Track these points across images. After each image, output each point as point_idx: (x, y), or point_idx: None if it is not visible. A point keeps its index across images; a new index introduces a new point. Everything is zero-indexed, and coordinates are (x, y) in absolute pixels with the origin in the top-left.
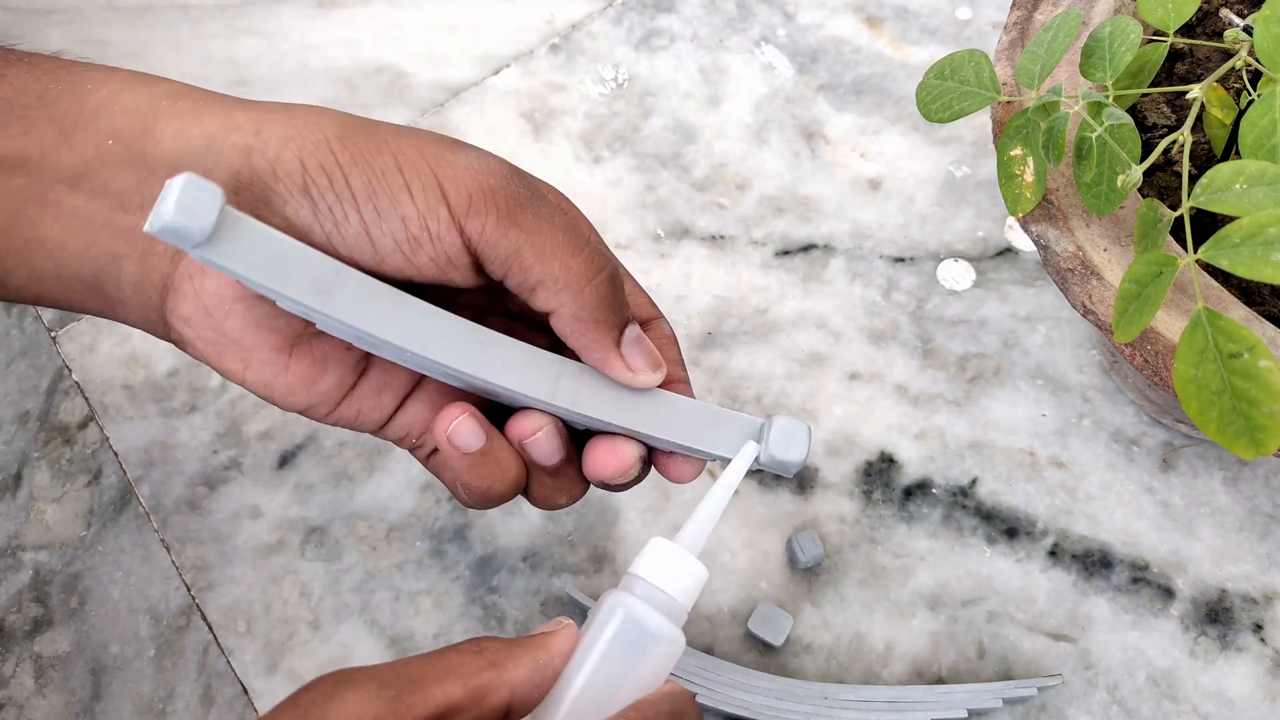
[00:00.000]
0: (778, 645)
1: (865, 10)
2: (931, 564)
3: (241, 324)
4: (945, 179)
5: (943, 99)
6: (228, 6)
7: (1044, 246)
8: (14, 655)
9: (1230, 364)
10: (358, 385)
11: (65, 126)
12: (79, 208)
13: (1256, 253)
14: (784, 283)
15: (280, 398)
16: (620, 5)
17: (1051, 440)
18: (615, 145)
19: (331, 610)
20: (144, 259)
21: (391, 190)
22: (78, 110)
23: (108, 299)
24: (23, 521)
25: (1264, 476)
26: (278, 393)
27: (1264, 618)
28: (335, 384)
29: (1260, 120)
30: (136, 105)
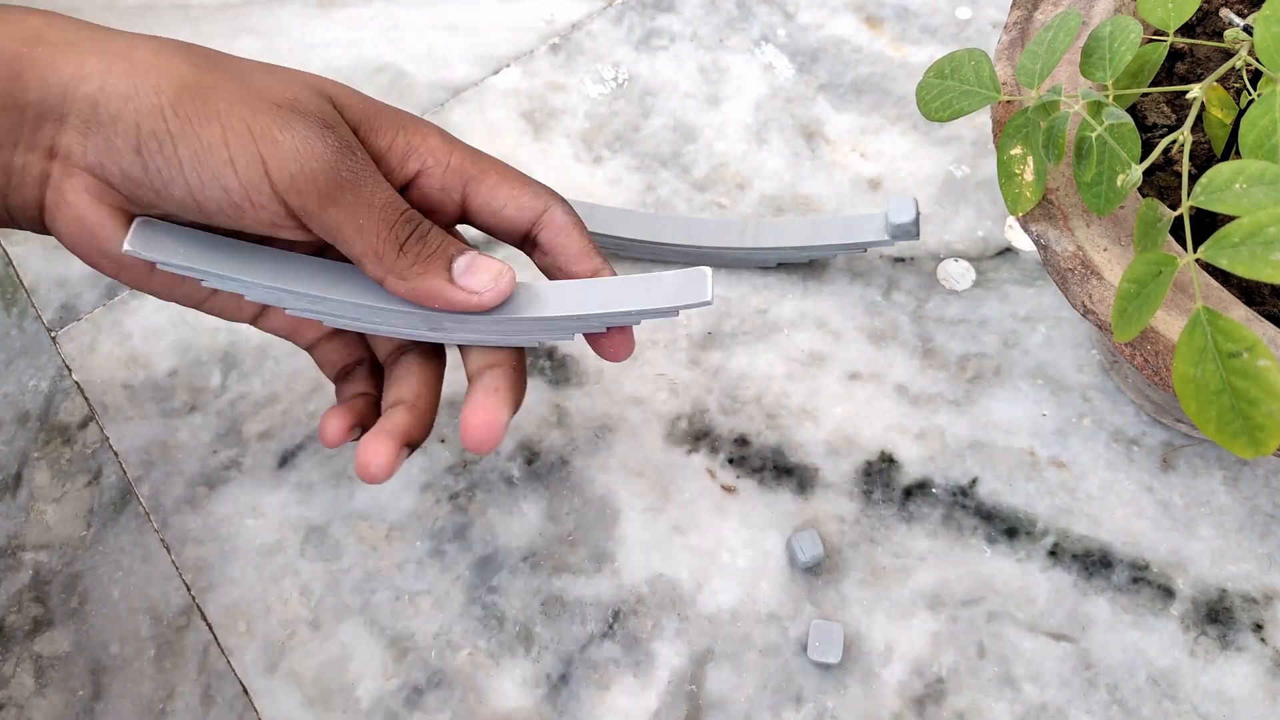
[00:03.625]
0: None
1: (865, 10)
2: (931, 564)
3: (104, 236)
4: (945, 179)
5: (943, 98)
6: (228, 6)
7: (1044, 246)
8: (14, 655)
9: (1229, 363)
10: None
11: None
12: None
13: (1256, 252)
14: (784, 282)
15: (154, 294)
16: (620, 5)
17: (1051, 440)
18: (615, 145)
19: (331, 610)
20: (20, 188)
21: (215, 164)
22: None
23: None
24: (23, 521)
25: (1264, 476)
26: (151, 291)
27: (1264, 618)
28: (193, 288)
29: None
30: (2, 52)
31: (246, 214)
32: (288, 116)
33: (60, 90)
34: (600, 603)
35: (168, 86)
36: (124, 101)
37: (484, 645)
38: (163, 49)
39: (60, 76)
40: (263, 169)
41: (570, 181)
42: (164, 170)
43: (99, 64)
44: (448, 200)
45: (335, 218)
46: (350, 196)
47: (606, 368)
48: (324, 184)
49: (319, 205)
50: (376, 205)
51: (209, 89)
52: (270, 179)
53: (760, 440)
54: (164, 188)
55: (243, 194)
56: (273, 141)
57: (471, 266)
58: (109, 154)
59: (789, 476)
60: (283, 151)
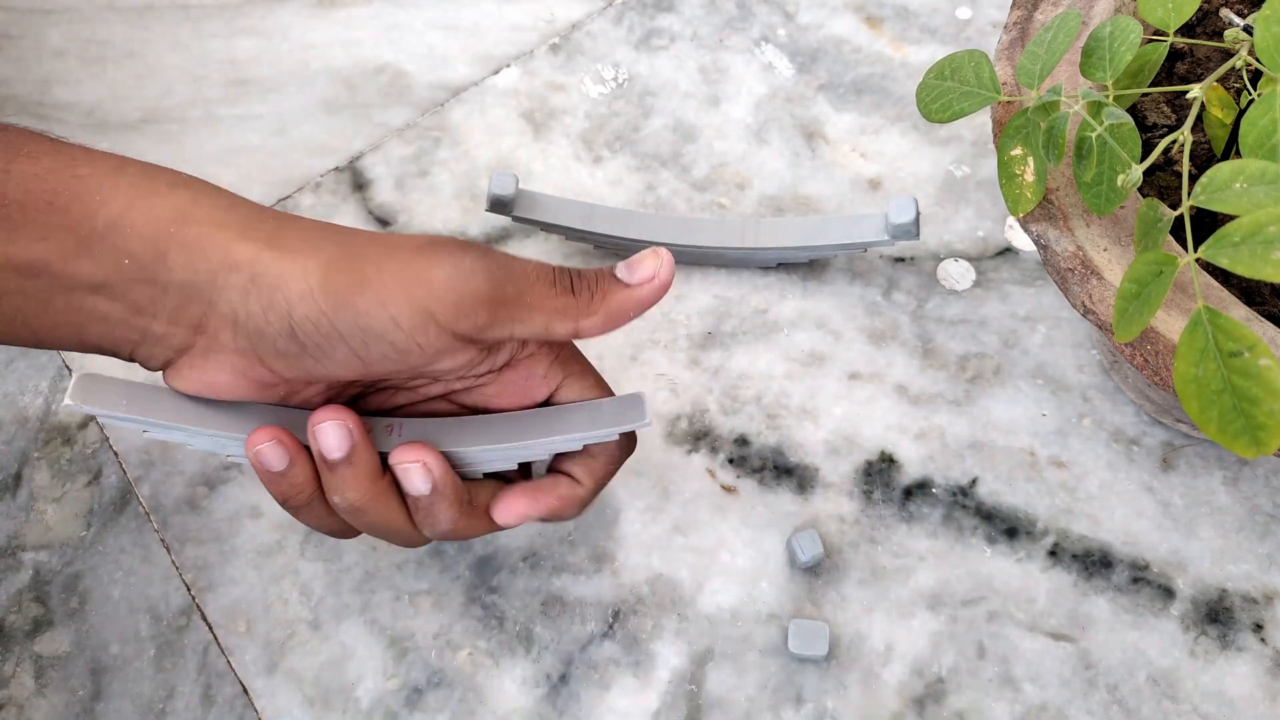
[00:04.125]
0: (824, 655)
1: (865, 10)
2: (931, 564)
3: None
4: (945, 179)
5: (943, 99)
6: (228, 6)
7: (1044, 246)
8: (14, 655)
9: (1230, 363)
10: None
11: (80, 236)
12: (100, 307)
13: (1256, 252)
14: (784, 282)
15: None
16: (620, 5)
17: (1051, 440)
18: (615, 145)
19: (331, 610)
20: (153, 347)
21: (378, 327)
22: (89, 222)
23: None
24: (23, 521)
25: (1264, 476)
26: None
27: (1264, 618)
28: None
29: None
30: (146, 230)
31: (413, 355)
32: (430, 254)
33: (209, 276)
34: (600, 603)
35: (315, 267)
36: (274, 291)
37: (484, 645)
38: (308, 232)
39: (209, 263)
40: (427, 314)
41: (570, 181)
42: (322, 344)
43: (246, 251)
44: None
45: (508, 316)
46: (512, 290)
47: (607, 367)
48: (488, 297)
49: (490, 318)
50: (532, 278)
51: (355, 258)
52: (436, 320)
53: (760, 440)
54: (323, 357)
55: (410, 342)
56: (427, 283)
57: (630, 265)
58: (262, 339)
59: (789, 476)
60: (438, 288)
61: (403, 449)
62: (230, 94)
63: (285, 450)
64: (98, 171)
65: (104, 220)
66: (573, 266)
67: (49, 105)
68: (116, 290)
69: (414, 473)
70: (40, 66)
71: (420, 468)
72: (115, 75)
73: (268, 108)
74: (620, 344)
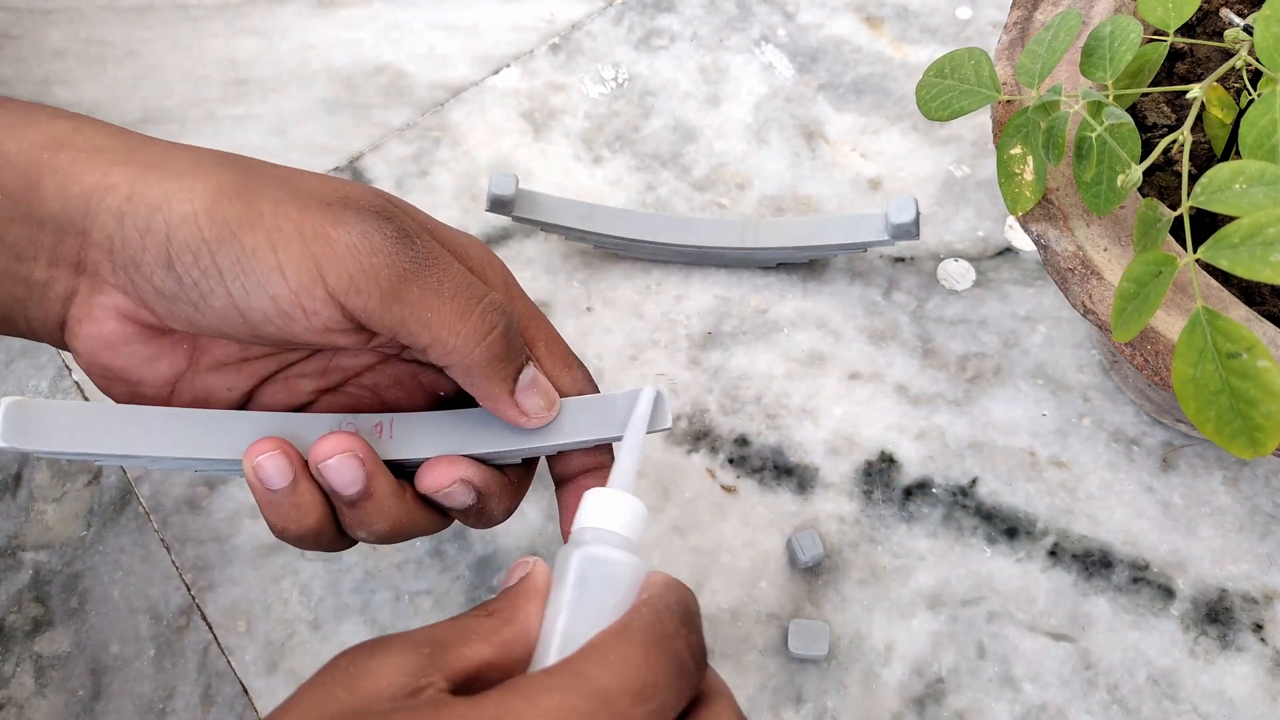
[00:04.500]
0: (824, 655)
1: (865, 10)
2: (931, 564)
3: (126, 364)
4: (945, 179)
5: (943, 98)
6: (228, 6)
7: (1044, 246)
8: (14, 655)
9: (1229, 364)
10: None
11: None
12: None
13: (1256, 252)
14: (784, 282)
15: None
16: (620, 5)
17: (1051, 440)
18: (615, 145)
19: (331, 610)
20: (41, 302)
21: (260, 270)
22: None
23: (18, 330)
24: (23, 521)
25: (1264, 476)
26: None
27: (1264, 617)
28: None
29: (1260, 120)
30: (20, 157)
31: (298, 322)
32: (340, 212)
33: (82, 202)
34: None
35: (202, 191)
36: (152, 211)
37: None
38: (201, 156)
39: (82, 187)
40: (316, 272)
41: (570, 181)
42: (201, 283)
43: (126, 173)
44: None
45: (400, 314)
46: (416, 290)
47: (606, 368)
48: (386, 281)
49: (381, 304)
50: (447, 293)
51: (251, 190)
52: (325, 282)
53: (760, 440)
54: (201, 301)
55: (293, 301)
56: (326, 240)
57: (532, 384)
58: (138, 270)
59: (789, 476)
60: (338, 249)
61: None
62: (230, 94)
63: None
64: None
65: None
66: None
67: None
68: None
69: (457, 494)
70: (40, 66)
71: (461, 487)
72: (115, 75)
73: (268, 108)
74: (620, 344)
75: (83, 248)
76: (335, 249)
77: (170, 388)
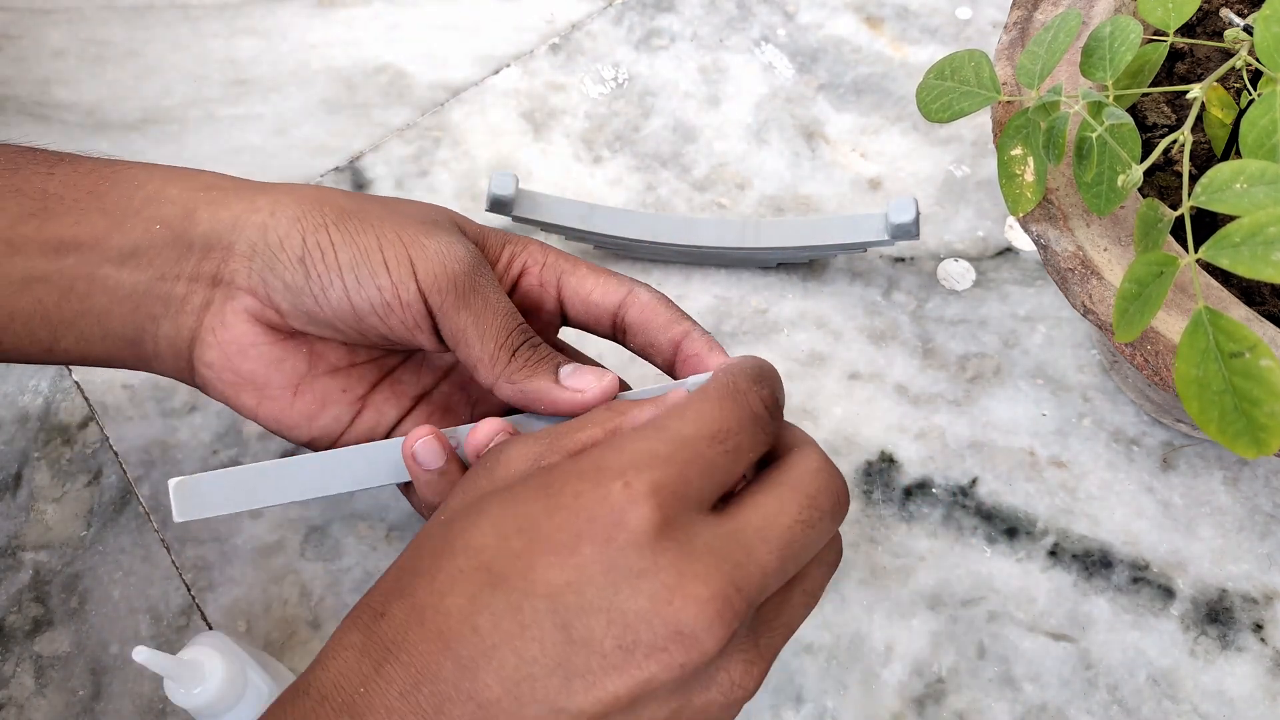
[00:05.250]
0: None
1: (865, 10)
2: (931, 564)
3: (254, 367)
4: (945, 179)
5: (943, 99)
6: (227, 6)
7: (1044, 246)
8: (14, 655)
9: (1231, 363)
10: (354, 422)
11: (115, 217)
12: (124, 281)
13: (1257, 252)
14: (784, 282)
15: (287, 430)
16: (620, 5)
17: (1051, 440)
18: (615, 145)
19: (331, 610)
20: (176, 317)
21: (371, 265)
22: (127, 203)
23: (144, 355)
24: (23, 521)
25: (1264, 476)
26: (285, 425)
27: (1264, 617)
28: (333, 420)
29: (1260, 120)
30: (180, 196)
31: (394, 314)
32: (431, 228)
33: (231, 222)
34: None
35: (330, 210)
36: (293, 222)
37: None
38: (322, 188)
39: (231, 211)
40: (410, 268)
41: (570, 181)
42: (324, 275)
43: (267, 199)
44: (546, 295)
45: (464, 320)
46: (479, 301)
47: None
48: (461, 285)
49: (454, 306)
50: (499, 313)
51: (365, 211)
52: (417, 278)
53: None
54: (323, 293)
55: (393, 292)
56: (420, 245)
57: (576, 372)
58: (273, 269)
59: None
60: (429, 253)
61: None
62: (230, 94)
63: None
64: (134, 166)
65: (142, 198)
66: (537, 337)
67: (49, 105)
68: (145, 257)
69: None
70: (40, 66)
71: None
72: (115, 75)
73: (268, 108)
74: None
75: (224, 260)
76: (426, 253)
77: (294, 390)
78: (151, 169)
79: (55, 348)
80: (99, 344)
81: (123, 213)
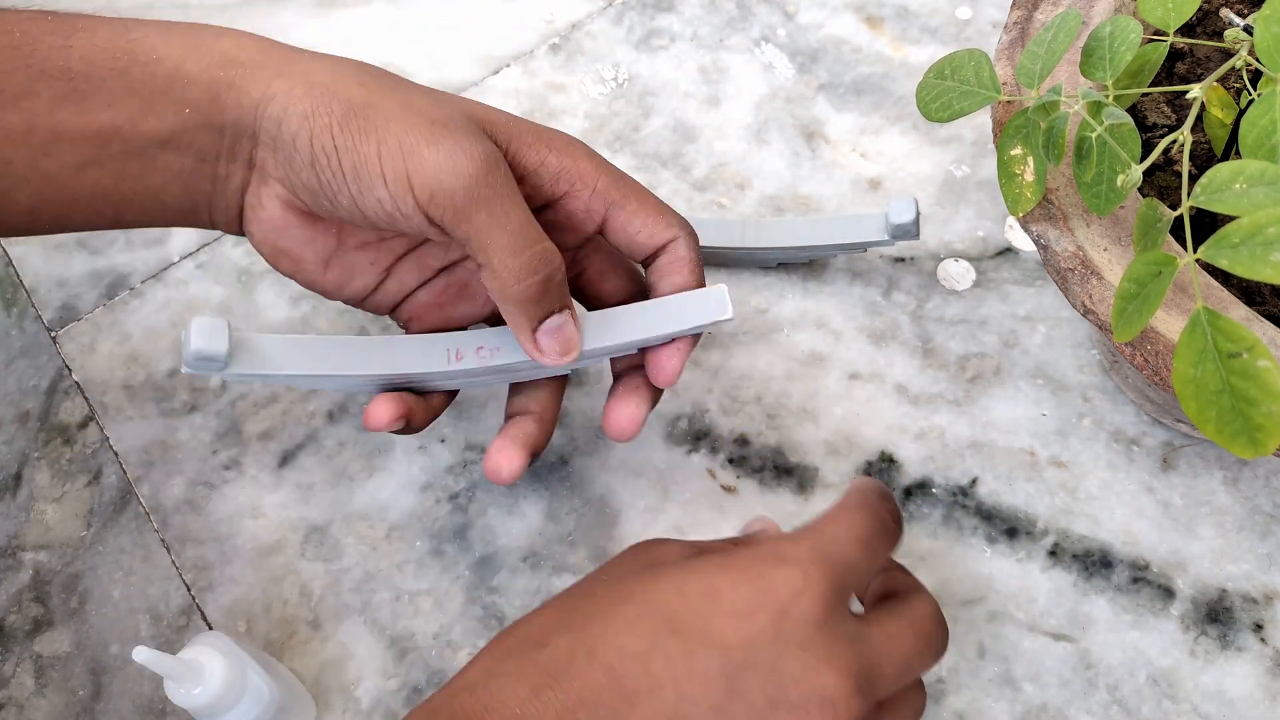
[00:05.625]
0: None
1: (865, 10)
2: (931, 564)
3: (289, 244)
4: (945, 179)
5: (943, 99)
6: (228, 6)
7: (1044, 246)
8: (14, 655)
9: (1229, 364)
10: (379, 288)
11: (144, 97)
12: (171, 163)
13: (1256, 252)
14: (784, 282)
15: (322, 292)
16: (620, 5)
17: (1051, 440)
18: (615, 145)
19: (331, 610)
20: (224, 193)
21: (370, 176)
22: (150, 81)
23: (202, 221)
24: (23, 521)
25: (1264, 476)
26: (319, 290)
27: (1264, 617)
28: (361, 287)
29: (1260, 120)
30: (200, 75)
31: (399, 222)
32: (439, 132)
33: (252, 110)
34: None
35: (338, 106)
36: (302, 120)
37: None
38: (338, 69)
39: (250, 99)
40: (407, 183)
41: None
42: (332, 182)
43: (282, 86)
44: (589, 220)
45: (467, 232)
46: (484, 215)
47: (606, 368)
48: (460, 201)
49: (454, 220)
50: (509, 228)
51: (372, 107)
52: (413, 193)
53: (760, 440)
54: (334, 198)
55: (392, 204)
56: (420, 157)
57: (556, 331)
58: (291, 167)
59: (789, 476)
60: (426, 166)
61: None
62: None
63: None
64: (150, 33)
65: (162, 76)
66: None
67: None
68: (182, 141)
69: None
70: None
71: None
72: None
73: None
74: None
75: (253, 148)
76: (425, 165)
77: (325, 263)
78: (166, 35)
79: (121, 220)
80: (159, 215)
81: (150, 93)
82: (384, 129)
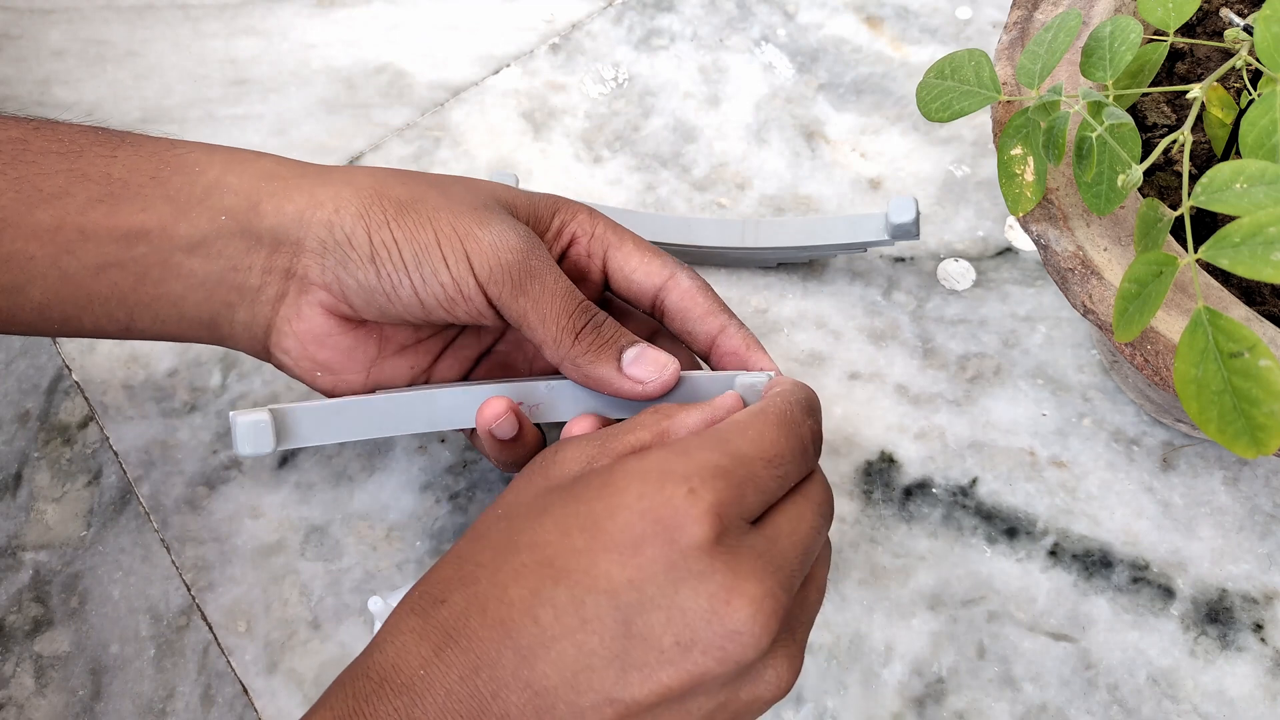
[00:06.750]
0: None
1: (865, 10)
2: (931, 564)
3: (330, 355)
4: (945, 179)
5: (943, 98)
6: (227, 6)
7: (1044, 246)
8: (14, 655)
9: (1230, 363)
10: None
11: (180, 204)
12: (197, 269)
13: (1257, 252)
14: (784, 282)
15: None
16: (620, 5)
17: (1051, 440)
18: (615, 145)
19: (331, 610)
20: (251, 306)
21: (432, 262)
22: (189, 190)
23: (220, 336)
24: (23, 521)
25: (1264, 476)
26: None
27: (1264, 617)
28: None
29: (1260, 120)
30: (241, 186)
31: (459, 306)
32: (484, 215)
33: (296, 217)
34: None
35: (389, 204)
36: (358, 219)
37: None
38: (377, 174)
39: (294, 206)
40: (468, 265)
41: (570, 181)
42: (393, 274)
43: (328, 192)
44: (592, 266)
45: (524, 306)
46: (536, 286)
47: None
48: (517, 275)
49: (511, 295)
50: (558, 294)
51: (419, 200)
52: (474, 273)
53: None
54: (393, 290)
55: (454, 287)
56: (474, 238)
57: (640, 358)
58: (345, 268)
59: None
60: (483, 246)
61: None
62: (230, 94)
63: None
64: (194, 150)
65: (203, 186)
66: (602, 314)
67: (49, 105)
68: (214, 247)
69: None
70: (40, 66)
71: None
72: (115, 75)
73: (268, 108)
74: None
75: (295, 255)
76: (481, 245)
77: (366, 372)
78: (210, 152)
79: (133, 327)
80: (174, 325)
81: (186, 200)
82: (436, 218)
